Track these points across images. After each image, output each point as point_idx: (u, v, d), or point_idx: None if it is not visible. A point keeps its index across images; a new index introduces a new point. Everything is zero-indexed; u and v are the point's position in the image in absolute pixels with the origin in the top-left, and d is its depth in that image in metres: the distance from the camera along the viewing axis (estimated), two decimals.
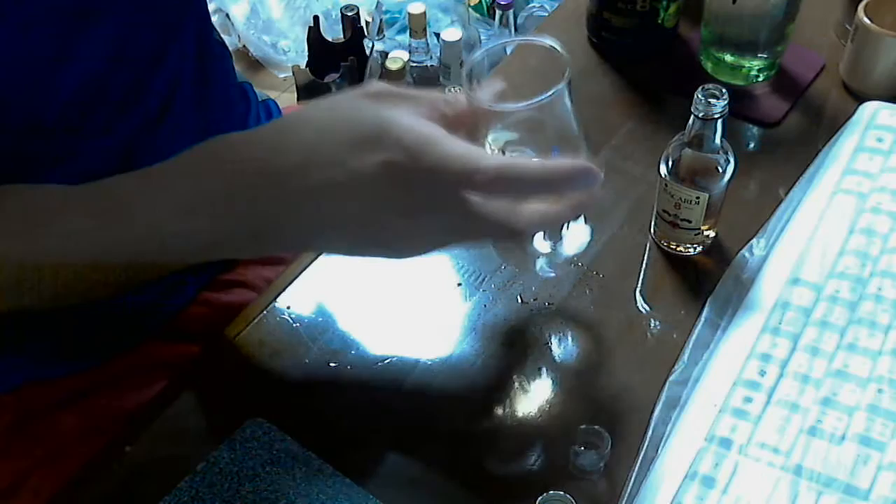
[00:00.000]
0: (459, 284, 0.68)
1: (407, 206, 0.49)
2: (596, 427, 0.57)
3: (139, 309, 0.73)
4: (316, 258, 0.71)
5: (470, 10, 1.92)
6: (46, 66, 0.56)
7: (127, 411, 0.71)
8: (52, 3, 0.55)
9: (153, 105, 0.65)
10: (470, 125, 0.53)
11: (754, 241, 0.68)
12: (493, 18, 1.83)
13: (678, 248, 0.69)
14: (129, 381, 0.72)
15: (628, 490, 0.56)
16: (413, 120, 0.49)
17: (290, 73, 1.93)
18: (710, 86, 0.60)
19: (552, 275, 0.67)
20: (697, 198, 0.64)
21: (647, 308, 0.66)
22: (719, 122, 0.61)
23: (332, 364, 0.64)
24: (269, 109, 0.85)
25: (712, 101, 0.60)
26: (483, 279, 0.68)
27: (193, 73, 0.69)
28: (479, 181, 0.48)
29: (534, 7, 1.89)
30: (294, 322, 0.67)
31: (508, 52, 0.58)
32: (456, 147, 0.49)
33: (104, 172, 0.64)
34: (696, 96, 0.60)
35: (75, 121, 0.60)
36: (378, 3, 1.86)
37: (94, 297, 0.60)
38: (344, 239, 0.52)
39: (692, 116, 0.61)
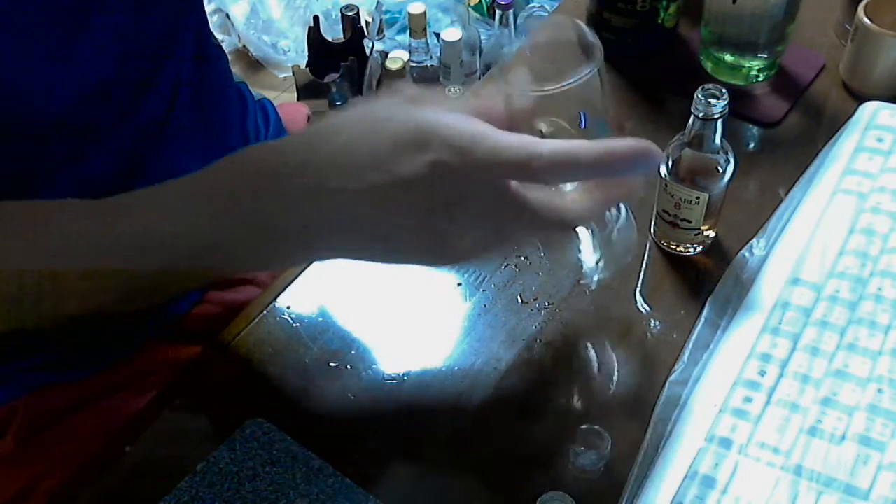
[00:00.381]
0: (459, 284, 0.68)
1: (455, 207, 0.48)
2: (596, 427, 0.57)
3: (147, 312, 0.73)
4: None
5: (470, 10, 1.92)
6: (48, 66, 0.56)
7: (139, 412, 0.71)
8: (52, 0, 0.55)
9: (158, 107, 0.65)
10: (505, 123, 0.51)
11: (754, 241, 0.68)
12: (493, 18, 1.83)
13: (678, 248, 0.69)
14: (139, 383, 0.72)
15: (628, 490, 0.56)
16: (456, 118, 0.48)
17: (290, 73, 1.93)
18: (710, 86, 0.60)
19: (597, 279, 0.65)
20: (697, 198, 0.64)
21: (647, 308, 0.66)
22: (719, 122, 0.61)
23: (332, 364, 0.64)
24: (266, 109, 0.85)
25: (712, 101, 0.60)
26: (483, 279, 0.68)
27: (194, 74, 0.69)
28: (537, 167, 0.46)
29: (534, 7, 1.89)
30: (294, 322, 0.67)
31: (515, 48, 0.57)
32: (507, 137, 0.47)
33: (110, 174, 0.64)
34: (696, 96, 0.60)
35: (80, 121, 0.60)
36: (378, 3, 1.86)
37: (94, 306, 0.59)
38: (377, 245, 0.50)
39: (692, 116, 0.61)
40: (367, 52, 1.79)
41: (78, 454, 0.69)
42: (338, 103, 1.71)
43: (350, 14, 1.81)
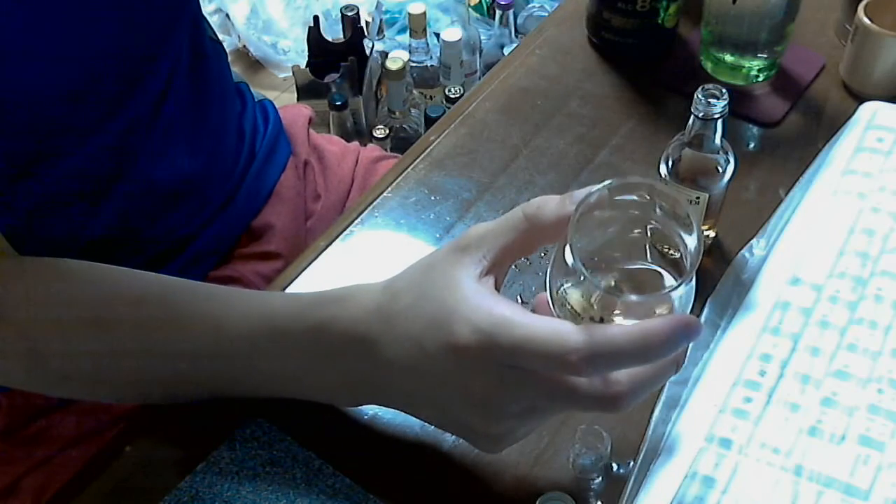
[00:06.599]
0: None
1: (482, 395, 0.47)
2: (596, 427, 0.57)
3: None
4: (316, 257, 0.71)
5: (470, 10, 1.92)
6: (40, 64, 0.56)
7: (124, 411, 0.70)
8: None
9: (146, 104, 0.65)
10: (551, 238, 0.49)
11: (754, 241, 0.68)
12: (493, 18, 1.83)
13: None
14: None
15: (628, 490, 0.56)
16: (487, 299, 0.47)
17: (290, 73, 1.93)
18: (710, 86, 0.60)
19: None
20: (697, 198, 0.64)
21: None
22: (719, 122, 0.61)
23: None
24: (266, 110, 0.85)
25: (712, 101, 0.60)
26: None
27: (187, 71, 0.69)
28: (573, 362, 0.44)
29: (534, 7, 1.89)
30: None
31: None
32: (539, 327, 0.45)
33: (97, 170, 0.64)
34: (696, 96, 0.60)
35: (66, 119, 0.60)
36: (378, 3, 1.86)
37: (175, 392, 0.59)
38: (430, 416, 0.53)
39: (692, 116, 0.61)
40: (367, 52, 1.79)
41: (64, 453, 0.69)
42: (338, 103, 1.71)
43: (350, 14, 1.81)
